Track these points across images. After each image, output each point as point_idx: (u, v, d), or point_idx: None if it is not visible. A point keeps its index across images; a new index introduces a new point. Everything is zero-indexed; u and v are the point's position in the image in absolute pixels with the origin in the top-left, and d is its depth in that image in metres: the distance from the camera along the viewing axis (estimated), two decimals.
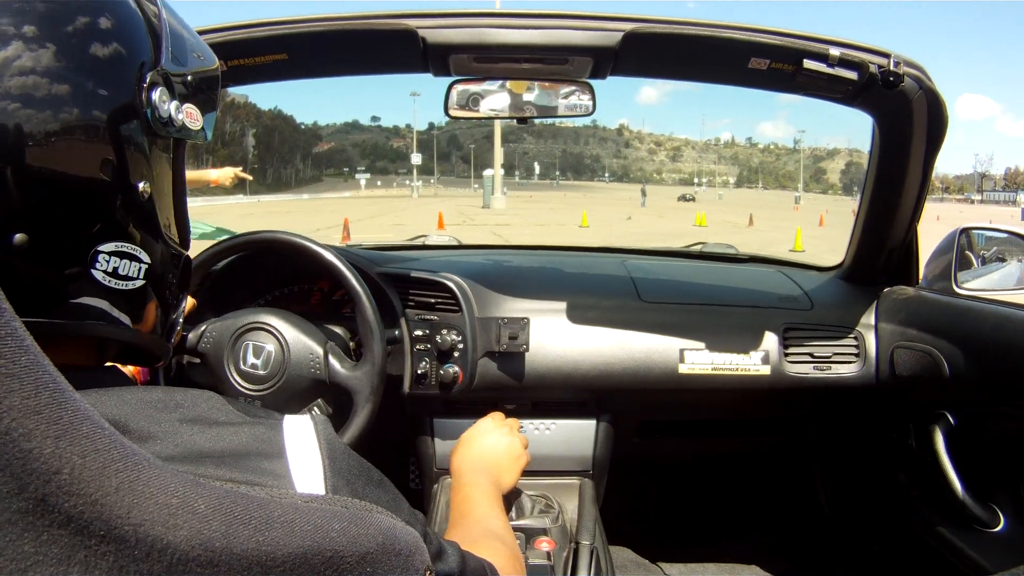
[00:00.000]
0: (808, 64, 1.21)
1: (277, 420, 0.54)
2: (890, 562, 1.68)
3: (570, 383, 1.51)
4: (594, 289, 1.66)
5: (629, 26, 1.19)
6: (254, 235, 1.31)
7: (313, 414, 0.55)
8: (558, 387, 1.53)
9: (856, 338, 1.55)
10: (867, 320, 1.57)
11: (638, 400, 1.60)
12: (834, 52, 1.20)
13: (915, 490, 1.54)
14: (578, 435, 1.58)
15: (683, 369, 1.50)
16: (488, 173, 43.21)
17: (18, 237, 0.46)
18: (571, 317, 1.54)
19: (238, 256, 1.39)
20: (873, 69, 1.21)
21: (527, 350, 1.48)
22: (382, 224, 21.96)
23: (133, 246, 0.54)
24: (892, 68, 1.20)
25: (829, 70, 1.22)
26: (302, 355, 1.21)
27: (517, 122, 1.41)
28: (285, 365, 1.21)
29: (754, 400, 1.60)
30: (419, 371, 1.47)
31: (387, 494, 0.55)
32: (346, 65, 1.39)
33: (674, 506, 2.19)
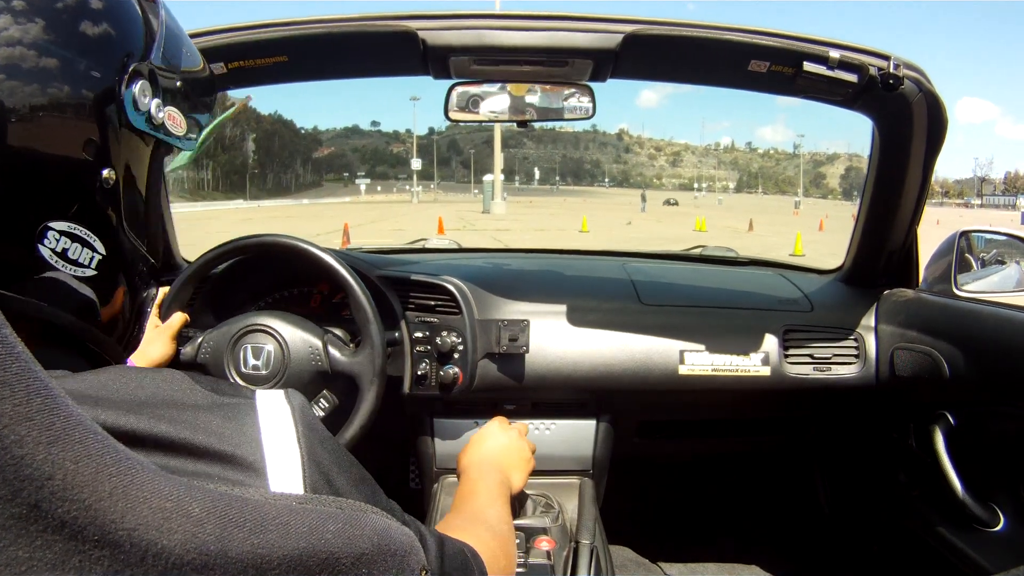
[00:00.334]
0: (808, 66, 1.22)
1: (249, 399, 0.51)
2: (890, 562, 1.68)
3: (570, 384, 1.51)
4: (594, 292, 1.66)
5: (629, 28, 1.20)
6: (253, 239, 1.31)
7: (287, 390, 0.52)
8: (558, 388, 1.53)
9: (856, 339, 1.55)
10: (867, 322, 1.57)
11: (638, 401, 1.60)
12: (834, 54, 1.21)
13: (915, 490, 1.54)
14: (578, 435, 1.58)
15: (683, 370, 1.50)
16: (488, 178, 43.26)
17: None
18: (571, 319, 1.54)
19: (238, 260, 1.39)
20: (873, 71, 1.21)
21: (527, 352, 1.48)
22: (382, 229, 21.96)
23: (87, 232, 0.53)
24: (892, 70, 1.21)
25: (829, 72, 1.22)
26: (301, 349, 1.22)
27: (517, 126, 1.41)
28: (286, 362, 1.21)
29: (754, 400, 1.60)
30: (419, 372, 1.47)
31: (365, 487, 0.54)
32: (346, 67, 1.39)
33: (674, 506, 2.19)
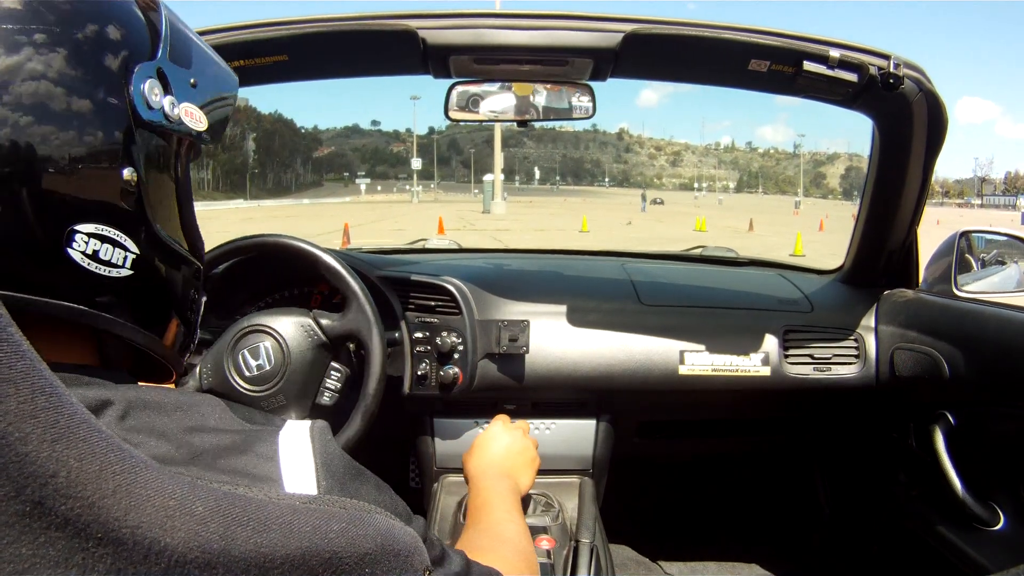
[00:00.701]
0: (808, 66, 1.21)
1: (276, 427, 0.54)
2: (890, 562, 1.68)
3: (570, 384, 1.51)
4: (594, 292, 1.66)
5: (629, 27, 1.19)
6: (253, 239, 1.31)
7: (313, 423, 0.54)
8: (558, 388, 1.53)
9: (856, 340, 1.55)
10: (867, 322, 1.57)
11: (638, 401, 1.60)
12: (834, 54, 1.21)
13: (915, 490, 1.54)
14: (578, 435, 1.58)
15: (683, 370, 1.50)
16: (488, 178, 43.23)
17: None
18: (571, 319, 1.54)
19: (237, 260, 1.39)
20: (873, 71, 1.21)
21: (527, 352, 1.48)
22: (382, 229, 21.95)
23: (116, 231, 0.53)
24: (892, 70, 1.20)
25: (829, 72, 1.22)
26: (295, 333, 1.21)
27: (517, 125, 1.41)
28: (285, 350, 1.21)
29: (754, 401, 1.60)
30: (419, 372, 1.47)
31: (384, 496, 0.55)
32: (346, 66, 1.39)
33: (674, 505, 2.19)
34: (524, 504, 1.32)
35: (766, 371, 1.51)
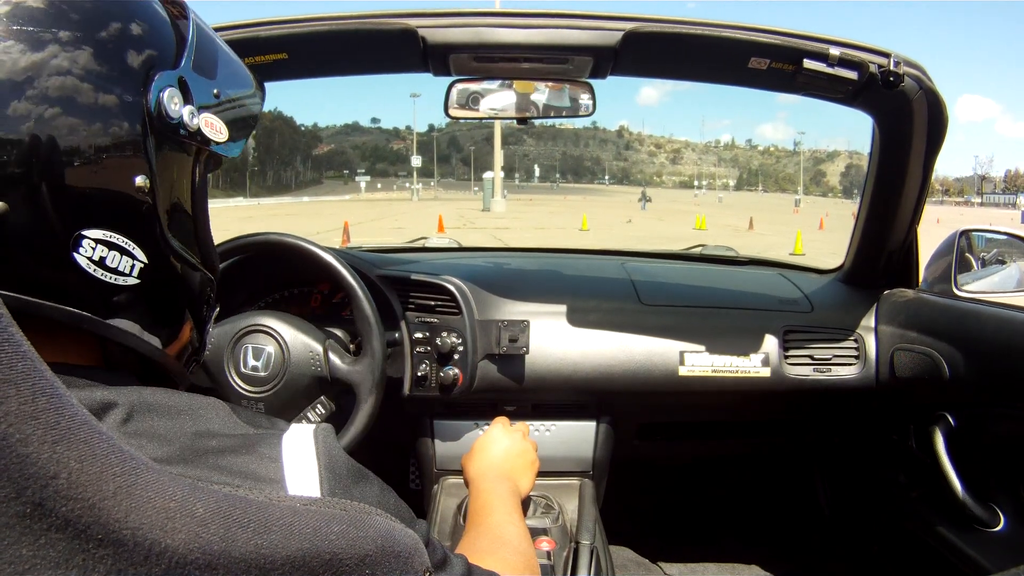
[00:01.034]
0: (808, 64, 1.21)
1: (280, 430, 0.54)
2: (890, 563, 1.68)
3: (570, 385, 1.51)
4: (594, 292, 1.66)
5: (629, 25, 1.19)
6: (253, 237, 1.31)
7: (316, 425, 0.55)
8: (558, 389, 1.52)
9: (856, 340, 1.55)
10: (867, 322, 1.57)
11: (638, 402, 1.60)
12: (834, 52, 1.20)
13: (915, 491, 1.54)
14: (578, 436, 1.58)
15: (683, 371, 1.50)
16: (488, 176, 43.22)
17: None
18: (571, 320, 1.54)
19: (237, 259, 1.39)
20: (873, 69, 1.21)
21: (527, 352, 1.48)
22: (382, 228, 21.93)
23: (124, 239, 0.52)
24: (892, 68, 1.20)
25: (829, 70, 1.22)
26: (302, 354, 1.21)
27: (517, 123, 1.41)
28: (286, 365, 1.20)
29: (754, 402, 1.60)
30: (419, 373, 1.46)
31: (387, 498, 0.55)
32: (346, 65, 1.39)
33: (674, 507, 2.19)
34: (524, 506, 1.32)
35: (766, 372, 1.50)
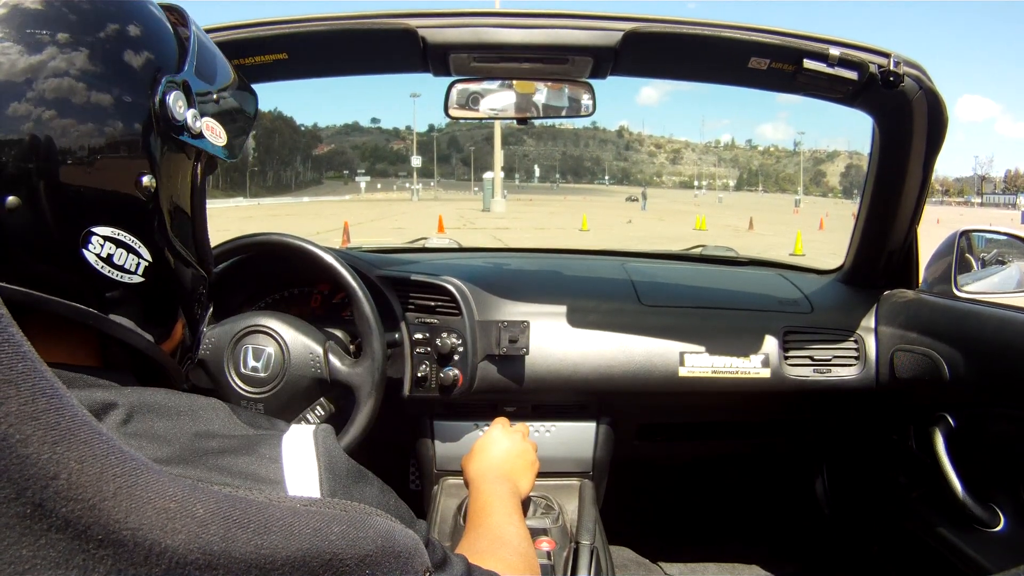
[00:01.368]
0: (808, 64, 1.21)
1: (280, 431, 0.54)
2: (890, 562, 1.68)
3: (570, 386, 1.51)
4: (594, 292, 1.66)
5: (629, 26, 1.19)
6: (253, 237, 1.31)
7: (316, 426, 0.55)
8: (558, 390, 1.52)
9: (856, 341, 1.55)
10: (867, 323, 1.57)
11: (638, 403, 1.60)
12: (834, 52, 1.20)
13: (915, 491, 1.54)
14: (578, 437, 1.58)
15: (683, 372, 1.50)
16: (488, 176, 43.26)
17: (10, 200, 0.47)
18: (571, 320, 1.54)
19: (237, 259, 1.39)
20: (873, 69, 1.21)
21: (527, 353, 1.48)
22: (382, 228, 21.93)
23: (132, 237, 0.54)
24: (892, 68, 1.20)
25: (829, 70, 1.22)
26: (302, 355, 1.21)
27: (517, 123, 1.41)
28: (285, 366, 1.20)
29: (754, 403, 1.60)
30: (419, 374, 1.46)
31: (387, 498, 0.56)
32: (346, 65, 1.39)
33: (674, 507, 2.19)
34: (524, 506, 1.32)
35: (766, 373, 1.50)
